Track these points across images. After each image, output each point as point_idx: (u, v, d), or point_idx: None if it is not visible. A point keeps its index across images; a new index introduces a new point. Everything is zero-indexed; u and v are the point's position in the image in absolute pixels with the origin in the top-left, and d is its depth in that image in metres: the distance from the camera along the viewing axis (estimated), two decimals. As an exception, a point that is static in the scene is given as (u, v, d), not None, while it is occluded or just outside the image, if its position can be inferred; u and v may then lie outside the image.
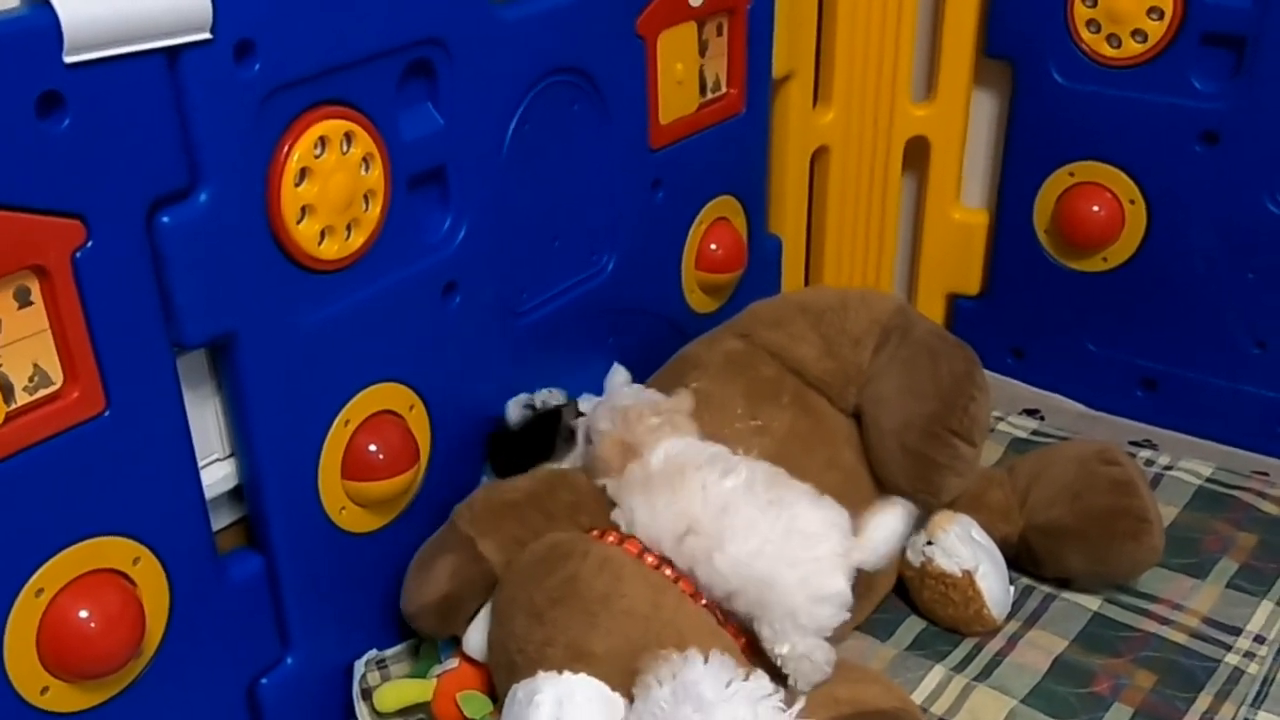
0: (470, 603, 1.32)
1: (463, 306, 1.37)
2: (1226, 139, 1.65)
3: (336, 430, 1.27)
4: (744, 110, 1.68)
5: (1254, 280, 1.69)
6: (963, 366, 1.45)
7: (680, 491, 1.28)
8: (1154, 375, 1.82)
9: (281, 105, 1.12)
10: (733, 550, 1.24)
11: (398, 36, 1.21)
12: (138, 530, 1.12)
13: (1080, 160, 1.76)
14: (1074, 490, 1.49)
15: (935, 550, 1.45)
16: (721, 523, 1.25)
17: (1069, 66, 1.73)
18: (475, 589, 1.32)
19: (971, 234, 1.92)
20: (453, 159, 1.31)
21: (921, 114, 1.88)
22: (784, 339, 1.51)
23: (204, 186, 1.08)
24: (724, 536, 1.25)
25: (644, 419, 1.35)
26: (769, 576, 1.23)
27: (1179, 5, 1.62)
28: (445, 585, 1.31)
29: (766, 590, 1.23)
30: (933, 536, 1.45)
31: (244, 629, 1.26)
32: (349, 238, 1.22)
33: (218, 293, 1.12)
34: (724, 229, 1.72)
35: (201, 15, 1.03)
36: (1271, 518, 1.63)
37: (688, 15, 1.54)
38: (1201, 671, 1.39)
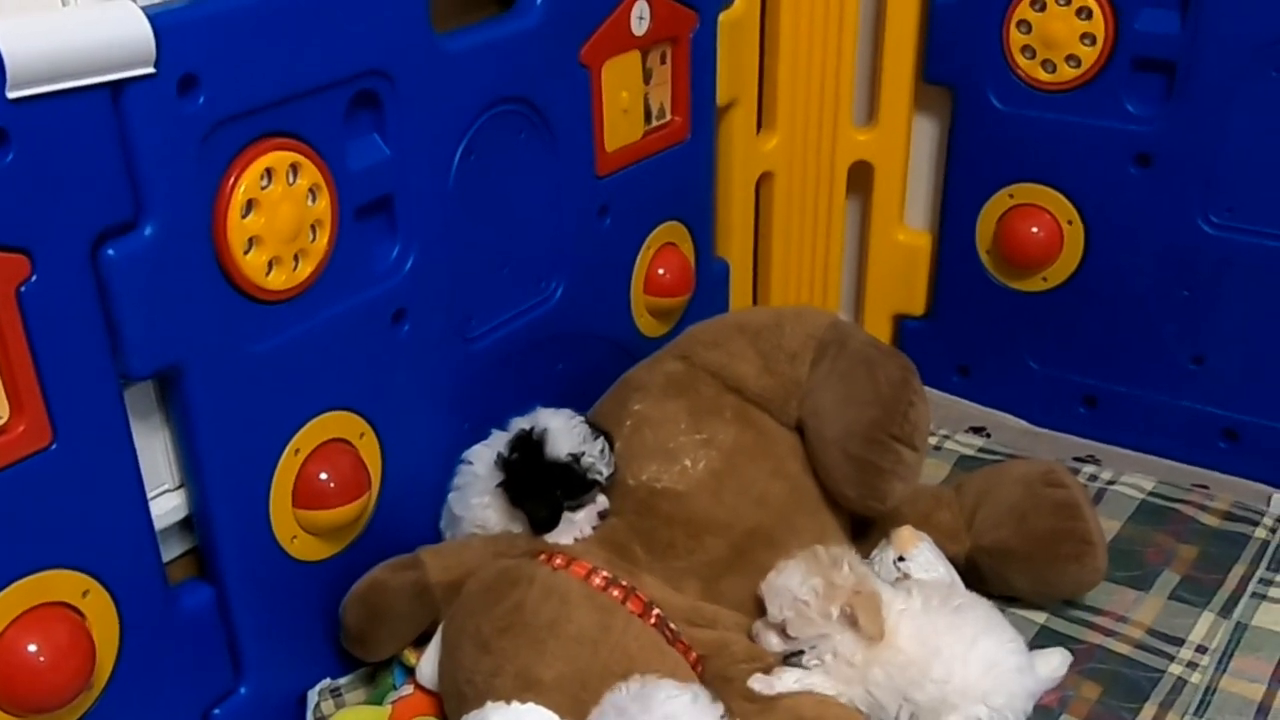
0: (399, 605, 1.33)
1: (412, 334, 1.38)
2: (1160, 161, 1.68)
3: (287, 459, 1.27)
4: (689, 137, 1.70)
5: (1189, 297, 1.73)
6: (899, 374, 1.48)
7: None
8: (1095, 392, 1.85)
9: (226, 138, 1.13)
10: (952, 653, 1.28)
11: (343, 68, 1.22)
12: (87, 563, 1.12)
13: (1019, 182, 1.80)
14: (1019, 512, 1.51)
15: (912, 565, 1.46)
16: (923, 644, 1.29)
17: (1006, 91, 1.76)
18: (406, 591, 1.33)
19: (915, 255, 1.95)
20: (400, 188, 1.32)
21: (864, 139, 1.91)
22: (723, 358, 1.53)
23: (149, 219, 1.09)
24: (928, 650, 1.28)
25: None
26: (987, 658, 1.30)
27: (1110, 32, 1.66)
28: (377, 575, 1.33)
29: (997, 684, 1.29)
30: (904, 553, 1.47)
31: (196, 659, 1.26)
32: (297, 268, 1.23)
33: (164, 324, 1.12)
34: (671, 254, 1.73)
35: (145, 50, 1.03)
36: (1212, 529, 1.66)
37: (631, 44, 1.56)
38: (1146, 682, 1.42)
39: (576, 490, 1.38)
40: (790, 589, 1.30)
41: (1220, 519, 1.68)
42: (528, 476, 1.38)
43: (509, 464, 1.39)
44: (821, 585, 1.28)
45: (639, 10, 1.54)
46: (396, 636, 1.35)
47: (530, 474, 1.38)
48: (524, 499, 1.38)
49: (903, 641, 1.27)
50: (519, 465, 1.38)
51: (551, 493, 1.37)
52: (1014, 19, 1.72)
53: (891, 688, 1.27)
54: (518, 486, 1.38)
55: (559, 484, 1.38)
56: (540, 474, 1.37)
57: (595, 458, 1.39)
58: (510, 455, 1.39)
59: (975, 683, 1.27)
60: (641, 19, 1.55)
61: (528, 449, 1.39)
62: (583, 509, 1.39)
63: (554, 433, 1.39)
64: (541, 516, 1.37)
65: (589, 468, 1.38)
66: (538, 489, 1.37)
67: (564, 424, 1.41)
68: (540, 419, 1.42)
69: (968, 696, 1.27)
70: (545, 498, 1.37)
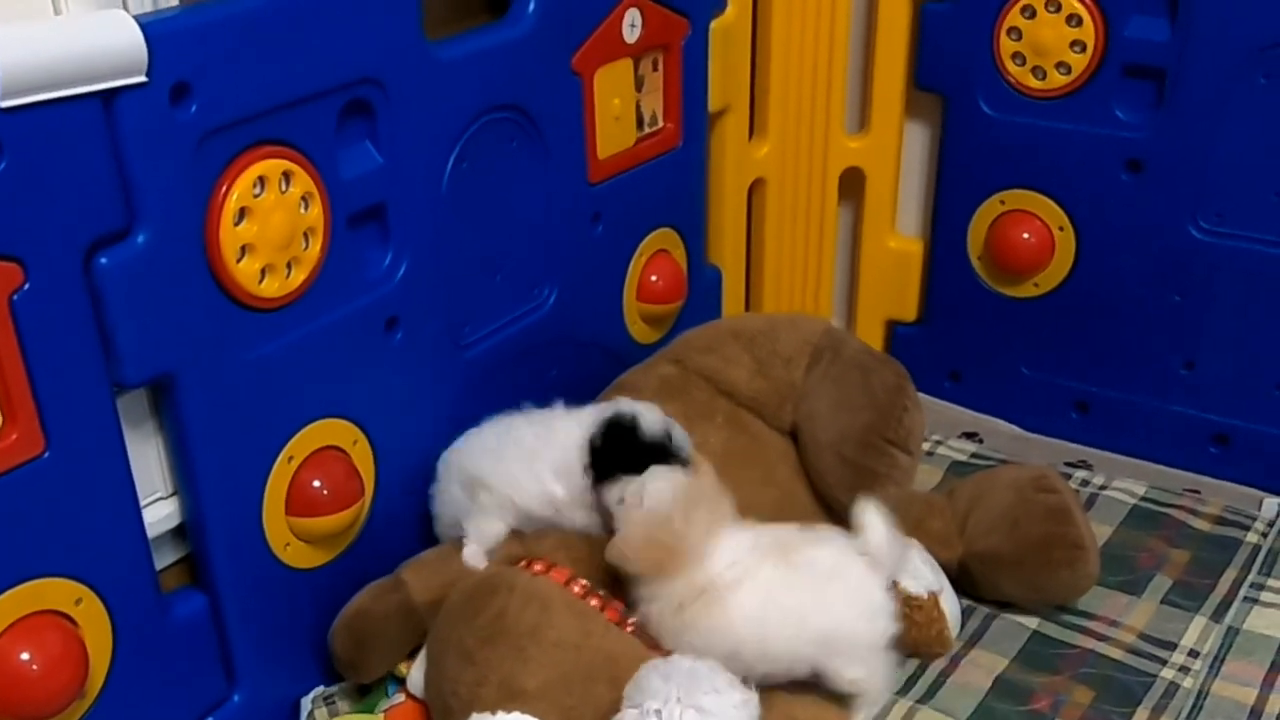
0: (386, 630, 1.33)
1: (405, 341, 1.38)
2: (1150, 167, 1.69)
3: (280, 467, 1.27)
4: (681, 144, 1.71)
5: (1180, 303, 1.74)
6: (894, 380, 1.48)
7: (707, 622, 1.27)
8: (1086, 397, 1.85)
9: (219, 146, 1.13)
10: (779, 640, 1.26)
11: (335, 77, 1.22)
12: (79, 571, 1.12)
13: (1010, 189, 1.80)
14: (1011, 518, 1.52)
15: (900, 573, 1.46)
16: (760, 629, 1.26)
17: (997, 98, 1.77)
18: (392, 616, 1.33)
19: (907, 262, 1.95)
20: (392, 196, 1.33)
21: (856, 146, 1.91)
22: (717, 363, 1.54)
23: (142, 227, 1.09)
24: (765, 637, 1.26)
25: (696, 513, 1.30)
26: (821, 627, 1.27)
27: (1100, 39, 1.67)
28: (360, 602, 1.33)
29: (825, 639, 1.27)
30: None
31: (189, 668, 1.26)
32: (289, 276, 1.23)
33: (157, 332, 1.12)
34: (664, 260, 1.74)
35: (137, 59, 1.04)
36: (1203, 534, 1.67)
37: (623, 52, 1.57)
38: (1138, 687, 1.42)
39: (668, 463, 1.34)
40: None
41: (1212, 524, 1.69)
42: (624, 457, 1.34)
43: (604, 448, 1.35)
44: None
45: (631, 18, 1.55)
46: (387, 659, 1.35)
47: (627, 455, 1.34)
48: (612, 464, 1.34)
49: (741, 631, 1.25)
50: (615, 446, 1.34)
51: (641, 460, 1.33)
52: (1004, 26, 1.72)
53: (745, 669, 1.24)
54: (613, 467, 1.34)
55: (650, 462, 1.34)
56: (637, 454, 1.34)
57: (682, 438, 1.36)
58: (602, 439, 1.35)
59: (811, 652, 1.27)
60: (633, 27, 1.56)
61: (621, 431, 1.35)
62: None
63: (643, 414, 1.36)
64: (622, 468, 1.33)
65: (679, 447, 1.36)
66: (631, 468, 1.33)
67: (646, 407, 1.38)
68: (621, 405, 1.38)
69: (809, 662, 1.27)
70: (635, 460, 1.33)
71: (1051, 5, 1.68)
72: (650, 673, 1.16)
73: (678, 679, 1.13)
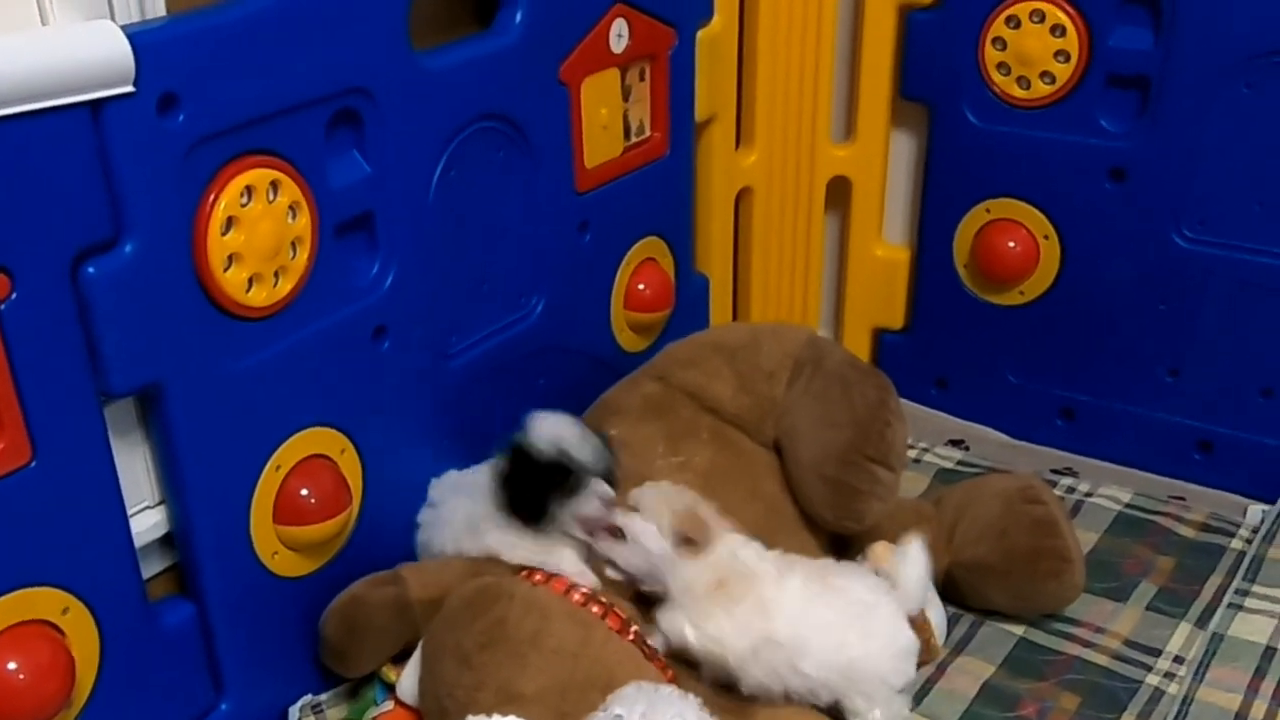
0: (378, 620, 1.33)
1: (392, 350, 1.38)
2: (1134, 176, 1.70)
3: (268, 475, 1.28)
4: (668, 153, 1.72)
5: (1165, 311, 1.75)
6: (875, 394, 1.48)
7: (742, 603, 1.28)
8: (1072, 405, 1.86)
9: (206, 156, 1.14)
10: (818, 653, 1.27)
11: (323, 86, 1.23)
12: (66, 580, 1.12)
13: (996, 197, 1.81)
14: (998, 529, 1.52)
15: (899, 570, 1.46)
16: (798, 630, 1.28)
17: (982, 107, 1.78)
18: (386, 607, 1.33)
19: (894, 270, 1.96)
20: (380, 205, 1.33)
21: (842, 154, 1.92)
22: (700, 378, 1.54)
23: (129, 237, 1.09)
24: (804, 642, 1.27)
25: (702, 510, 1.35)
26: (854, 657, 1.28)
27: (1084, 49, 1.68)
28: (356, 589, 1.33)
29: (854, 669, 1.28)
30: (879, 570, 1.47)
31: (177, 677, 1.26)
32: (277, 285, 1.24)
33: (145, 342, 1.13)
34: (651, 269, 1.74)
35: (124, 69, 1.04)
36: (1189, 541, 1.68)
37: (610, 62, 1.57)
38: (1124, 693, 1.42)
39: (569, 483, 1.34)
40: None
41: (1197, 530, 1.70)
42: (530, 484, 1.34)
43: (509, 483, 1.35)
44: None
45: (618, 28, 1.56)
46: (376, 652, 1.35)
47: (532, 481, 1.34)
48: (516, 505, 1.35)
49: (779, 625, 1.27)
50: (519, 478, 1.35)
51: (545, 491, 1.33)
52: (989, 36, 1.74)
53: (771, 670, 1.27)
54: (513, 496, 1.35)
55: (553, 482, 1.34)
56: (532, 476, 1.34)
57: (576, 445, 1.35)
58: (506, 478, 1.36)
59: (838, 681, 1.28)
60: (620, 37, 1.56)
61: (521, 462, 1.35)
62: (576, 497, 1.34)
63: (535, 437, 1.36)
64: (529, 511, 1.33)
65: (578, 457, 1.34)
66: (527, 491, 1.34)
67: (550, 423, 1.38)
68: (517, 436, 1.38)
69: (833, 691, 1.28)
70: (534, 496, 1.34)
71: (1036, 15, 1.69)
72: (632, 687, 1.17)
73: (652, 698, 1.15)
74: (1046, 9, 1.68)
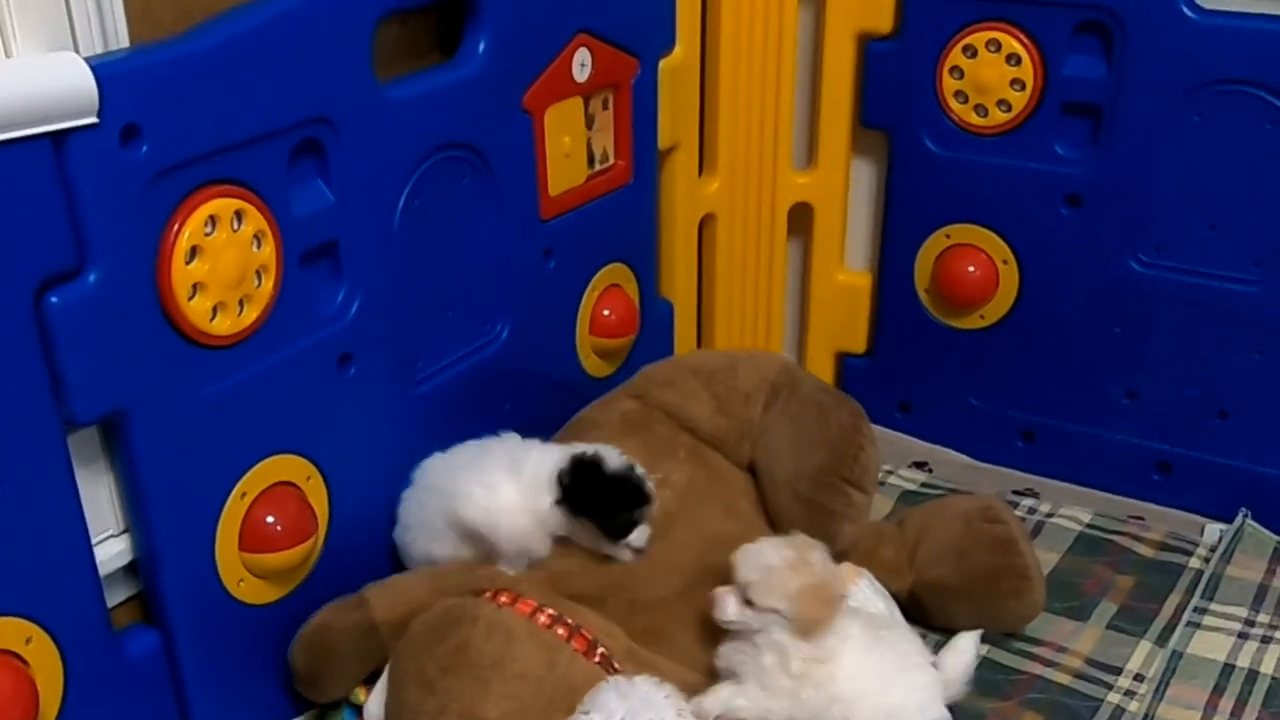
0: (346, 646, 1.33)
1: (358, 377, 1.39)
2: (1089, 201, 1.73)
3: (233, 503, 1.28)
4: (632, 180, 1.73)
5: (1121, 334, 1.77)
6: (850, 419, 1.50)
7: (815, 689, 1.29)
8: (1032, 427, 1.88)
9: (170, 185, 1.14)
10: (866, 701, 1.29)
11: (286, 116, 1.24)
12: (29, 609, 1.12)
13: (955, 223, 1.84)
14: (959, 549, 1.54)
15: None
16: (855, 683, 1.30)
17: (940, 135, 1.81)
18: (352, 632, 1.33)
19: (856, 295, 1.98)
20: (344, 234, 1.34)
21: (803, 181, 1.94)
22: (677, 398, 1.55)
23: (93, 267, 1.10)
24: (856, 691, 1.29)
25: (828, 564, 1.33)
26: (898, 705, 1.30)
27: (1039, 77, 1.71)
28: (322, 617, 1.34)
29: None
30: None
31: (142, 706, 1.26)
32: (242, 313, 1.24)
33: (109, 371, 1.13)
34: (616, 295, 1.76)
35: (88, 100, 1.05)
36: (1147, 560, 1.70)
37: (573, 91, 1.59)
38: (1086, 711, 1.44)
39: (635, 500, 1.40)
40: (764, 554, 1.31)
41: (1156, 549, 1.72)
42: (591, 491, 1.39)
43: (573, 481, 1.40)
44: (793, 558, 1.30)
45: (580, 58, 1.57)
46: (346, 677, 1.35)
47: (593, 489, 1.39)
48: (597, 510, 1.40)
49: (842, 671, 1.29)
50: (583, 481, 1.39)
51: (621, 501, 1.40)
52: (947, 65, 1.76)
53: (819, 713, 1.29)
54: (589, 500, 1.39)
55: (625, 494, 1.40)
56: (602, 488, 1.39)
57: (643, 472, 1.42)
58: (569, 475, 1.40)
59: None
60: (583, 66, 1.58)
61: (586, 466, 1.40)
62: (637, 527, 1.42)
63: (605, 452, 1.41)
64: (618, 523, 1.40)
65: (641, 480, 1.41)
66: (608, 500, 1.40)
67: (607, 449, 1.43)
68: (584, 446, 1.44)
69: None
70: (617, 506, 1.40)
71: (992, 45, 1.72)
72: (609, 688, 1.18)
73: (630, 700, 1.15)
74: (1002, 39, 1.71)
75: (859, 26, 1.81)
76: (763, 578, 1.29)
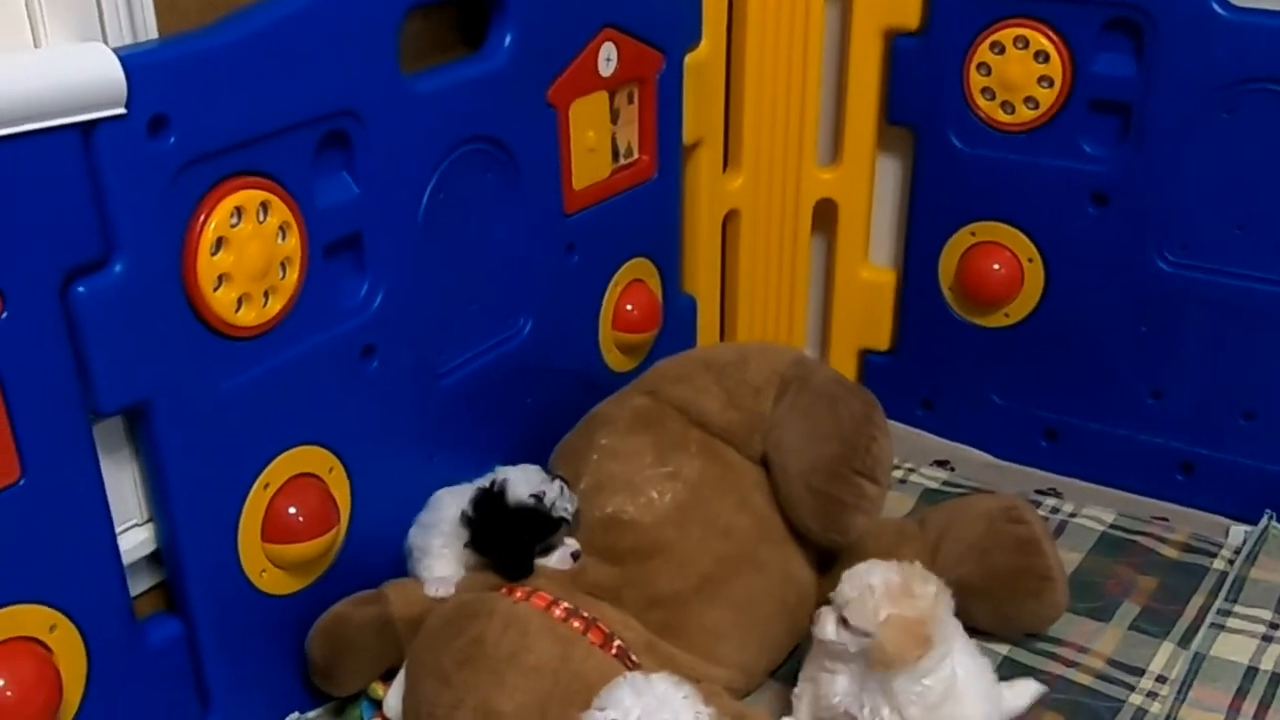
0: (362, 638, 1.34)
1: (380, 369, 1.39)
2: (1116, 200, 1.72)
3: (256, 494, 1.28)
4: (656, 176, 1.73)
5: (1147, 333, 1.76)
6: (862, 410, 1.50)
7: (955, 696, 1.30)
8: (1056, 426, 1.88)
9: (197, 177, 1.15)
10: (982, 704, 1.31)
11: (312, 109, 1.24)
12: (54, 597, 1.13)
13: (980, 220, 1.83)
14: (981, 548, 1.53)
15: None
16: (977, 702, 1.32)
17: (967, 132, 1.80)
18: (369, 625, 1.34)
19: (880, 292, 1.98)
20: (369, 226, 1.34)
21: (828, 178, 1.94)
22: (689, 393, 1.55)
23: (119, 257, 1.10)
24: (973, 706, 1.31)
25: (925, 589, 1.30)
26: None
27: (1068, 74, 1.70)
28: (340, 609, 1.34)
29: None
30: None
31: (164, 694, 1.27)
32: (266, 304, 1.25)
33: (134, 361, 1.14)
34: (639, 290, 1.76)
35: (116, 91, 1.05)
36: (1171, 561, 1.69)
37: (599, 85, 1.59)
38: (1107, 712, 1.43)
39: (545, 531, 1.39)
40: (869, 575, 1.28)
41: (1179, 550, 1.71)
42: (494, 526, 1.38)
43: (474, 518, 1.39)
44: (897, 585, 1.27)
45: (606, 52, 1.57)
46: (362, 670, 1.36)
47: (496, 523, 1.38)
48: (493, 549, 1.38)
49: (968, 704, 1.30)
50: (484, 516, 1.39)
51: (520, 538, 1.38)
52: (974, 62, 1.75)
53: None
54: (485, 538, 1.38)
55: (526, 529, 1.38)
56: (506, 521, 1.38)
57: (557, 495, 1.40)
58: (474, 510, 1.39)
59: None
60: (608, 60, 1.58)
61: (490, 501, 1.39)
62: (554, 551, 1.40)
63: (513, 481, 1.40)
64: (514, 562, 1.37)
65: (552, 505, 1.39)
66: (506, 537, 1.38)
67: (520, 473, 1.42)
68: (498, 473, 1.43)
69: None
70: (514, 544, 1.38)
71: (1020, 41, 1.71)
72: (625, 685, 1.17)
73: (646, 698, 1.14)
74: (1030, 35, 1.70)
75: (886, 22, 1.80)
76: (859, 597, 1.27)
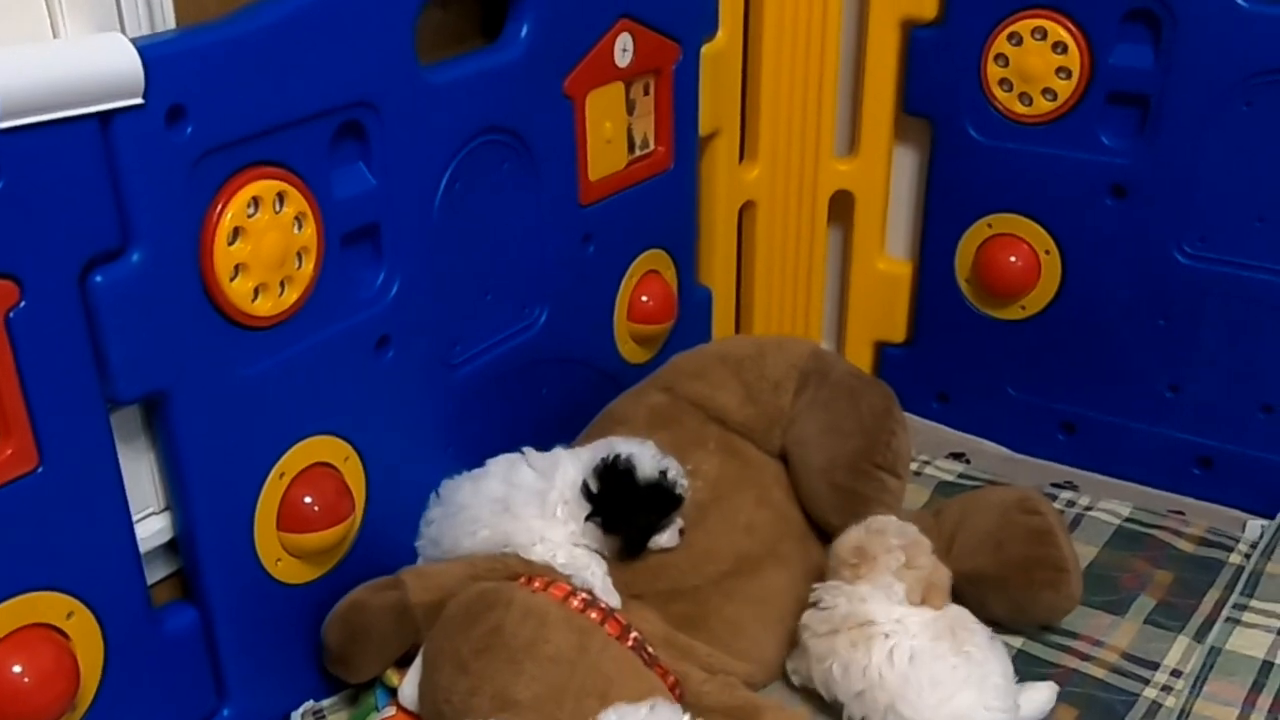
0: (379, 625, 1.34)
1: (396, 360, 1.39)
2: (1134, 192, 1.71)
3: (271, 483, 1.29)
4: (672, 166, 1.73)
5: (1165, 326, 1.75)
6: (882, 403, 1.50)
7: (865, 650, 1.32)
8: (1073, 419, 1.87)
9: (214, 167, 1.15)
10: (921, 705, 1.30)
11: (329, 99, 1.24)
12: (71, 585, 1.13)
13: (997, 213, 1.82)
14: (995, 539, 1.53)
15: None
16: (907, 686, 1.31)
17: (984, 123, 1.79)
18: (386, 611, 1.34)
19: (896, 284, 1.97)
20: (385, 217, 1.34)
21: (845, 169, 1.93)
22: (706, 389, 1.55)
23: (137, 246, 1.10)
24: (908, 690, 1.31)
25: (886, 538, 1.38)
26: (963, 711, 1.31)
27: (1086, 66, 1.69)
28: (357, 595, 1.34)
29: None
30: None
31: (180, 681, 1.27)
32: (283, 294, 1.25)
33: (151, 350, 1.14)
34: (655, 281, 1.76)
35: (134, 81, 1.05)
36: (1187, 555, 1.68)
37: (615, 76, 1.59)
38: (1121, 705, 1.43)
39: (669, 508, 1.40)
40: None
41: (1195, 544, 1.70)
42: (624, 502, 1.39)
43: (602, 493, 1.39)
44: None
45: (622, 43, 1.57)
46: (378, 657, 1.36)
47: (627, 499, 1.39)
48: (622, 525, 1.39)
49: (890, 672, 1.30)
50: (613, 491, 1.39)
51: (649, 516, 1.40)
52: (991, 53, 1.75)
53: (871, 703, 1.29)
54: (615, 514, 1.39)
55: (655, 507, 1.40)
56: (636, 498, 1.39)
57: (677, 473, 1.41)
58: (600, 484, 1.39)
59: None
60: (625, 51, 1.58)
61: (618, 476, 1.39)
62: (667, 529, 1.41)
63: (638, 456, 1.40)
64: (638, 539, 1.39)
65: (674, 484, 1.40)
66: (634, 514, 1.39)
67: (639, 448, 1.42)
68: (614, 446, 1.42)
69: None
70: (640, 521, 1.39)
71: (1038, 32, 1.70)
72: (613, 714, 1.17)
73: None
74: (1049, 26, 1.69)
75: (903, 13, 1.80)
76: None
